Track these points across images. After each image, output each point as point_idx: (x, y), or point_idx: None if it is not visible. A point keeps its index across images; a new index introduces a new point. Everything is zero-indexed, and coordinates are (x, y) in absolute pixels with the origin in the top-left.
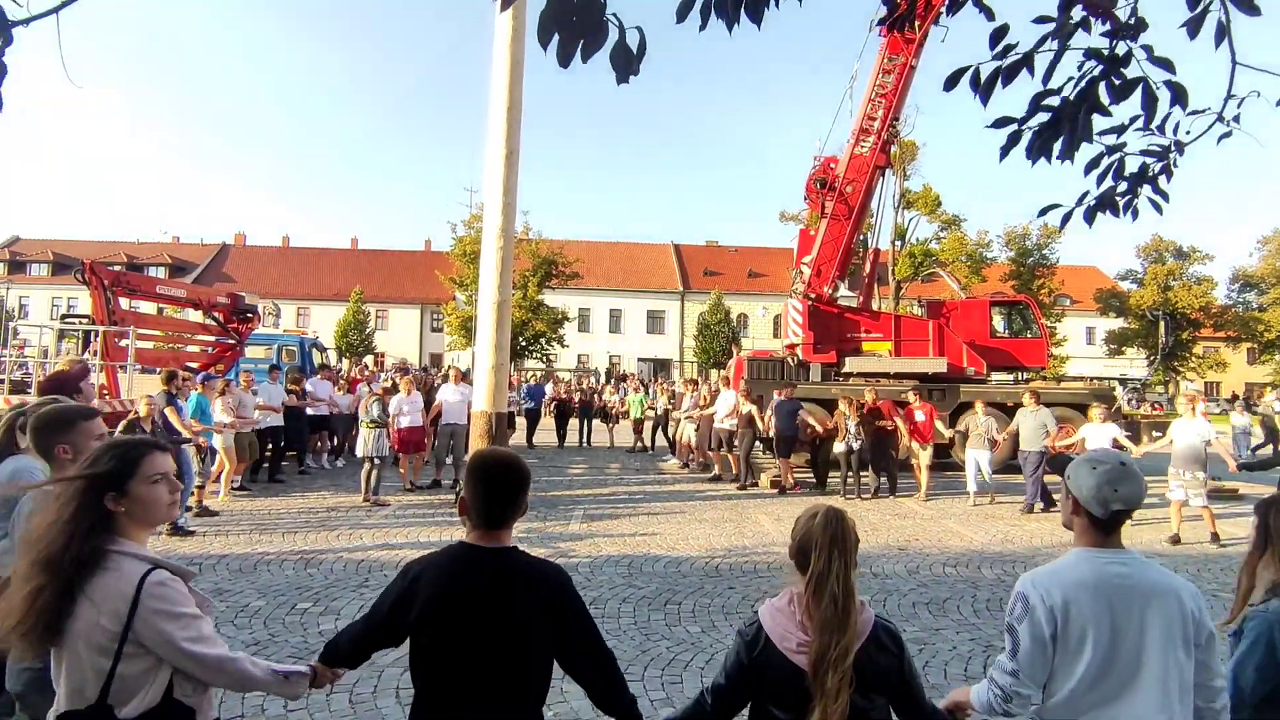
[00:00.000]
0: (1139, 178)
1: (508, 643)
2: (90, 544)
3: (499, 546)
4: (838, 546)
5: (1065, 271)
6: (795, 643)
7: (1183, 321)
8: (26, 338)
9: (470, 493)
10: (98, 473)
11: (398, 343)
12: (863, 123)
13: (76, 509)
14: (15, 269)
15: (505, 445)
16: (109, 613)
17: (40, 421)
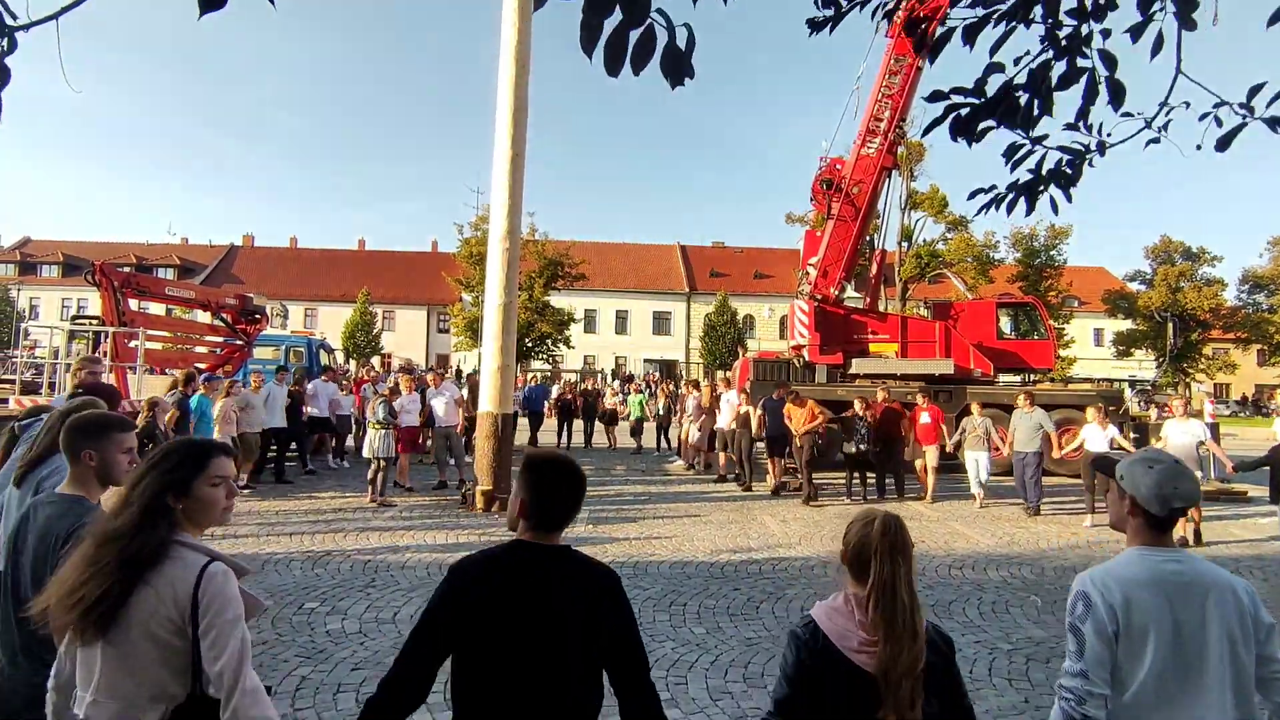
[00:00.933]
0: (1054, 174)
1: (561, 642)
2: (158, 536)
3: (554, 545)
4: (900, 553)
5: (1073, 273)
6: (857, 642)
7: (1191, 323)
8: (37, 339)
9: (529, 493)
10: (167, 472)
11: (404, 344)
12: (869, 124)
13: (144, 510)
14: (26, 270)
15: (511, 446)
16: (170, 601)
17: (77, 423)
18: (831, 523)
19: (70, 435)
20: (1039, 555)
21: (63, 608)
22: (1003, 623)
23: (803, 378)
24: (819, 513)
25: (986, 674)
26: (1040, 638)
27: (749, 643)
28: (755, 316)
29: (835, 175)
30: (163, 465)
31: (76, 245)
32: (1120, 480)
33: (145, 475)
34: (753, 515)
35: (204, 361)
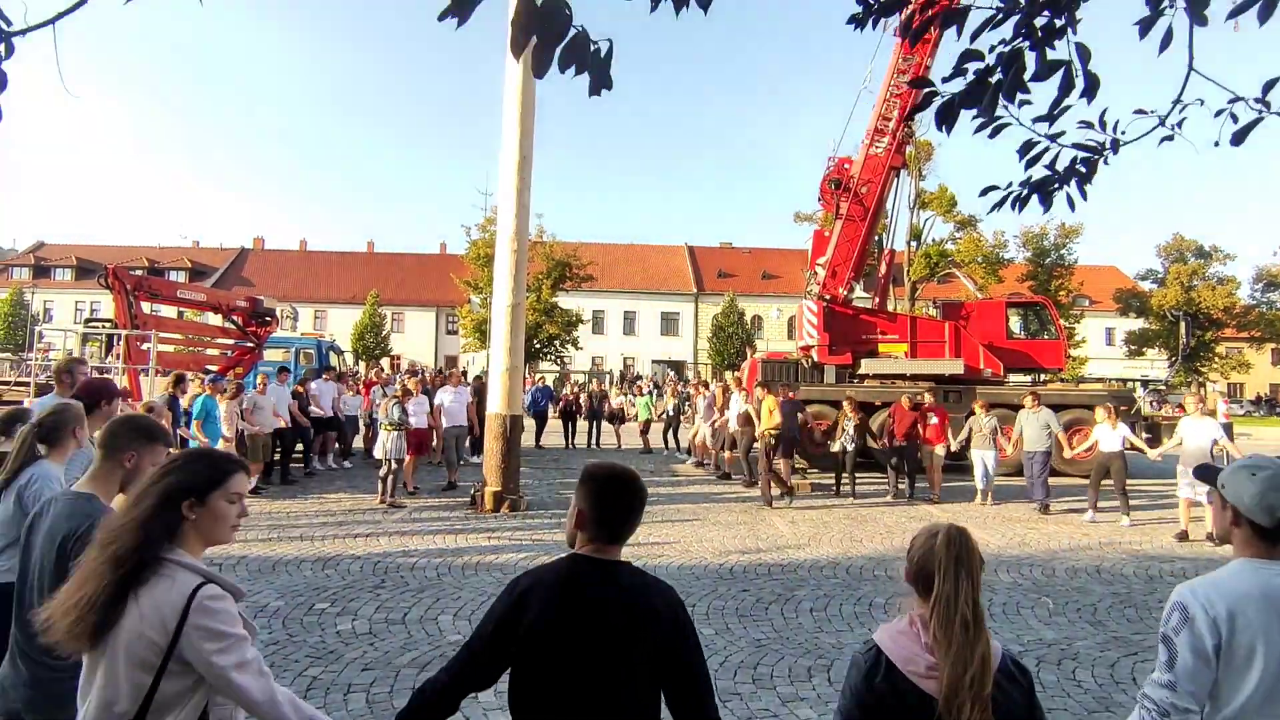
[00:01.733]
0: (1069, 172)
1: (618, 661)
2: (158, 548)
3: (613, 560)
4: (964, 567)
5: (1084, 272)
6: (924, 666)
7: (1205, 322)
8: (51, 341)
9: (587, 505)
10: (188, 476)
11: (413, 345)
12: (877, 123)
13: (155, 509)
14: (40, 274)
15: (518, 445)
16: (156, 624)
17: (134, 422)
18: (840, 524)
19: (121, 432)
20: (1050, 556)
21: (60, 611)
22: (1014, 624)
23: (811, 378)
24: (828, 514)
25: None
26: (1051, 639)
27: (758, 644)
28: (763, 317)
29: (843, 175)
30: (185, 469)
31: (90, 249)
32: (1222, 490)
33: (164, 476)
34: (761, 516)
35: (215, 363)
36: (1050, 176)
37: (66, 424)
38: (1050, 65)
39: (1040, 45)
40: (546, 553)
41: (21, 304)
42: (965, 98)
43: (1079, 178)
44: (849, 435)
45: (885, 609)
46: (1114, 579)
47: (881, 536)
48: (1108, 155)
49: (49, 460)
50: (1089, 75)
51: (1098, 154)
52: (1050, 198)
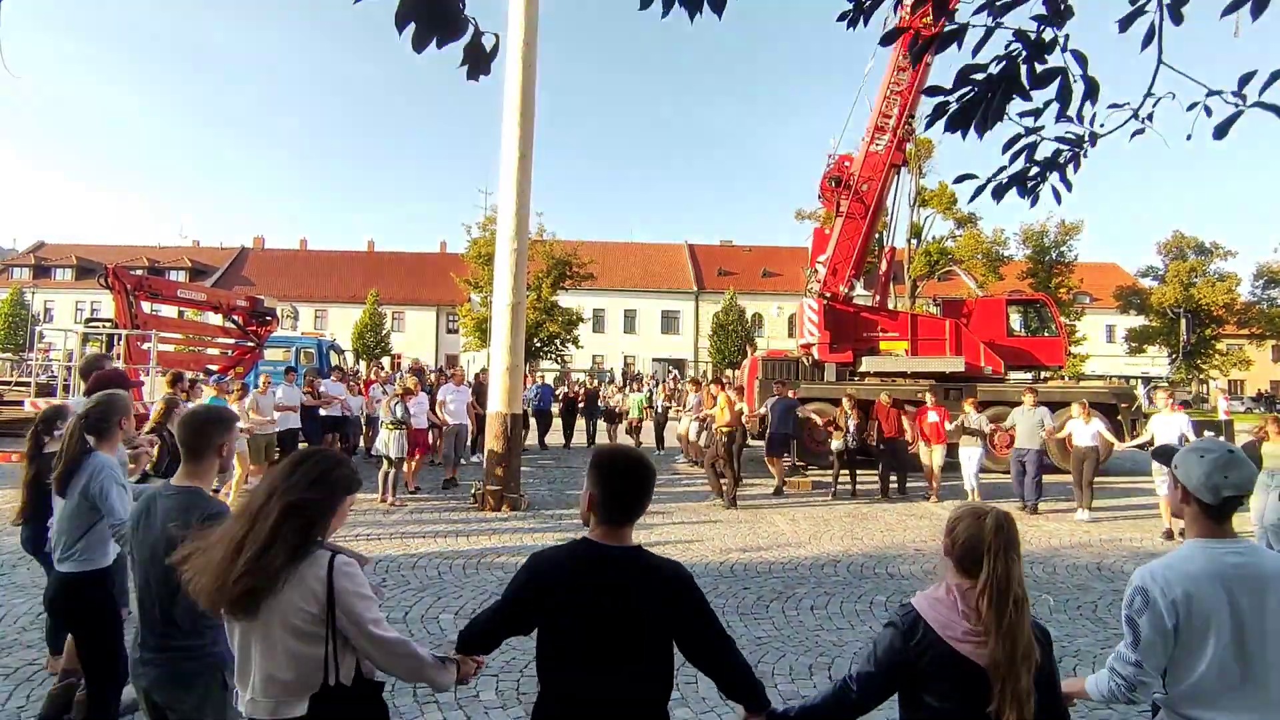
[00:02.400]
0: (1050, 163)
1: (631, 639)
2: (325, 533)
3: (623, 545)
4: (1013, 550)
5: (1084, 269)
6: (961, 631)
7: (1205, 319)
8: (52, 341)
9: (596, 489)
10: (347, 474)
11: (414, 344)
12: (878, 120)
13: (328, 501)
14: (40, 274)
15: (519, 444)
16: (305, 594)
17: (213, 415)
18: (841, 521)
19: (206, 427)
20: (1050, 554)
21: (223, 578)
22: None
23: (812, 376)
24: (829, 512)
25: None
26: (1053, 636)
27: (759, 642)
28: (764, 315)
29: (844, 172)
30: (346, 468)
31: (90, 249)
32: (1175, 470)
33: (333, 470)
34: (762, 514)
35: (216, 363)
36: (1028, 168)
37: (114, 414)
38: (1045, 74)
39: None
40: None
41: (22, 304)
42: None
43: (1061, 170)
44: (848, 434)
45: (886, 606)
46: (1114, 576)
47: (882, 534)
48: (1086, 148)
49: (101, 452)
50: (1088, 80)
51: (1079, 146)
52: (1032, 189)
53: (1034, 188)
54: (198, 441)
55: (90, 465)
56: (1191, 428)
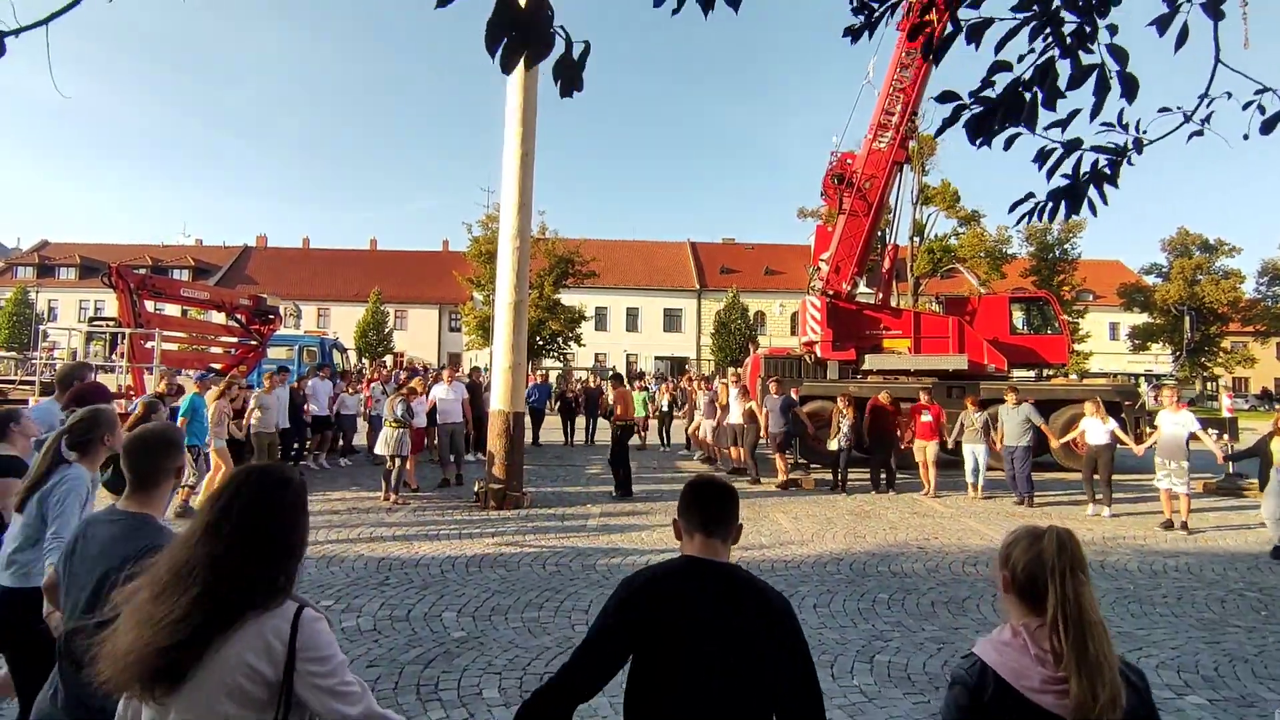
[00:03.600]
0: (1093, 176)
1: (736, 656)
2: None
3: (722, 562)
4: (1080, 570)
5: (1087, 266)
6: (1039, 680)
7: (1209, 316)
8: (56, 340)
9: (693, 511)
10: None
11: (416, 343)
12: (881, 118)
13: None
14: (44, 273)
15: (521, 442)
16: (260, 654)
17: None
18: (843, 519)
19: (158, 450)
20: None
21: (129, 659)
22: None
23: (815, 374)
24: (831, 509)
25: None
26: None
27: None
28: (766, 313)
29: (847, 170)
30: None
31: (93, 248)
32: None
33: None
34: (764, 512)
35: (219, 361)
36: (1074, 184)
37: (98, 429)
38: (1083, 71)
39: (1071, 52)
40: (551, 550)
41: (26, 303)
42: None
43: (1101, 180)
44: (844, 432)
45: (889, 604)
46: (1117, 574)
47: (885, 532)
48: (1131, 155)
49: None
50: (1126, 77)
51: (1120, 155)
52: (1077, 204)
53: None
54: (148, 465)
55: (59, 475)
56: (1199, 424)
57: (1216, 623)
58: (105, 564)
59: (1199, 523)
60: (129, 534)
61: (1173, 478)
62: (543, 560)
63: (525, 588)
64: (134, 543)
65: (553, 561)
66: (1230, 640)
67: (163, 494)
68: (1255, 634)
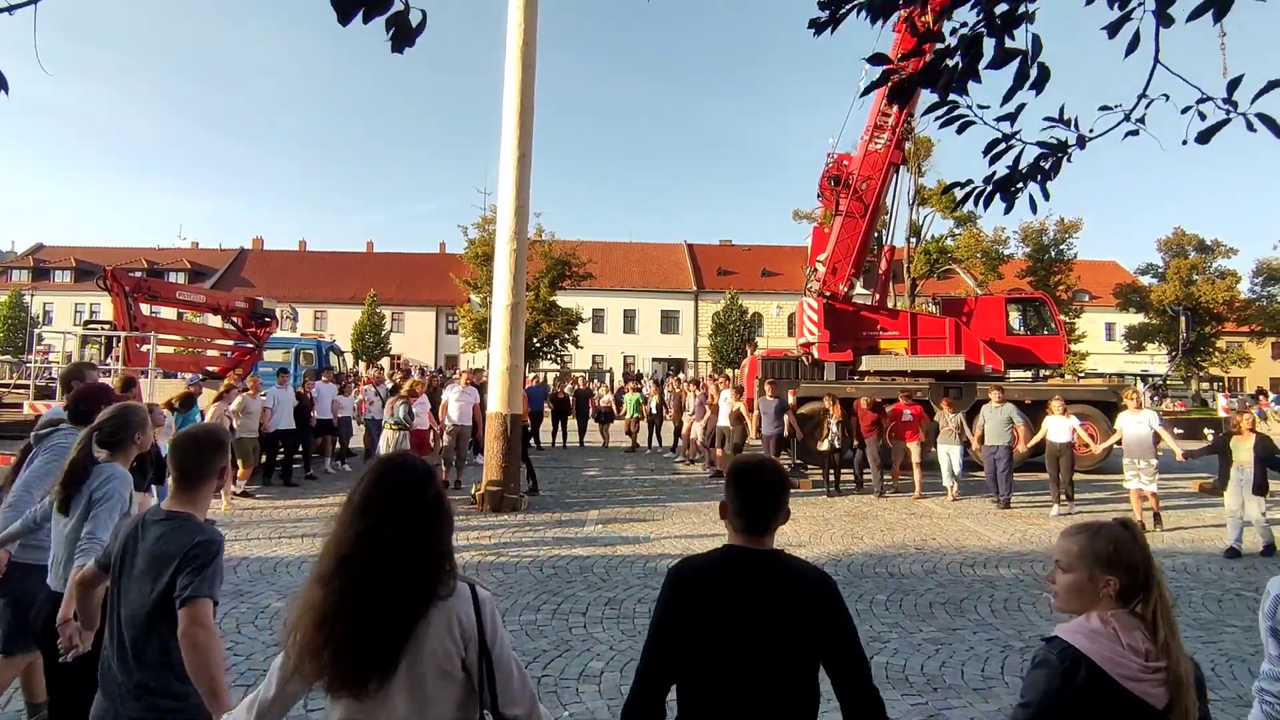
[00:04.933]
0: (1032, 169)
1: (778, 646)
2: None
3: (766, 549)
4: (1154, 562)
5: (1083, 267)
6: (1136, 668)
7: (1205, 316)
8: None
9: (732, 498)
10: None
11: (413, 345)
12: (877, 119)
13: (437, 521)
14: (39, 276)
15: (519, 444)
16: (453, 635)
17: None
18: (841, 520)
19: (205, 450)
20: (1051, 553)
21: (336, 660)
22: (1015, 620)
23: (812, 375)
24: (828, 511)
25: (999, 672)
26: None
27: None
28: (763, 314)
29: (843, 171)
30: (439, 484)
31: (89, 250)
32: None
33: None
34: None
35: (215, 364)
36: (1010, 175)
37: (129, 427)
38: (1006, 53)
39: (999, 32)
40: (549, 551)
41: (21, 306)
42: (922, 77)
43: (1041, 175)
44: (834, 434)
45: (887, 605)
46: None
47: (882, 533)
48: (1073, 152)
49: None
50: (1040, 67)
51: (1061, 152)
52: (1012, 196)
53: (1014, 195)
54: (195, 464)
55: (99, 473)
56: (1160, 423)
57: (1214, 623)
58: (155, 564)
59: (1193, 521)
60: (174, 533)
61: (1141, 476)
62: (540, 563)
63: (522, 590)
64: (178, 542)
65: (550, 564)
66: (1228, 640)
67: (207, 493)
68: (1252, 633)
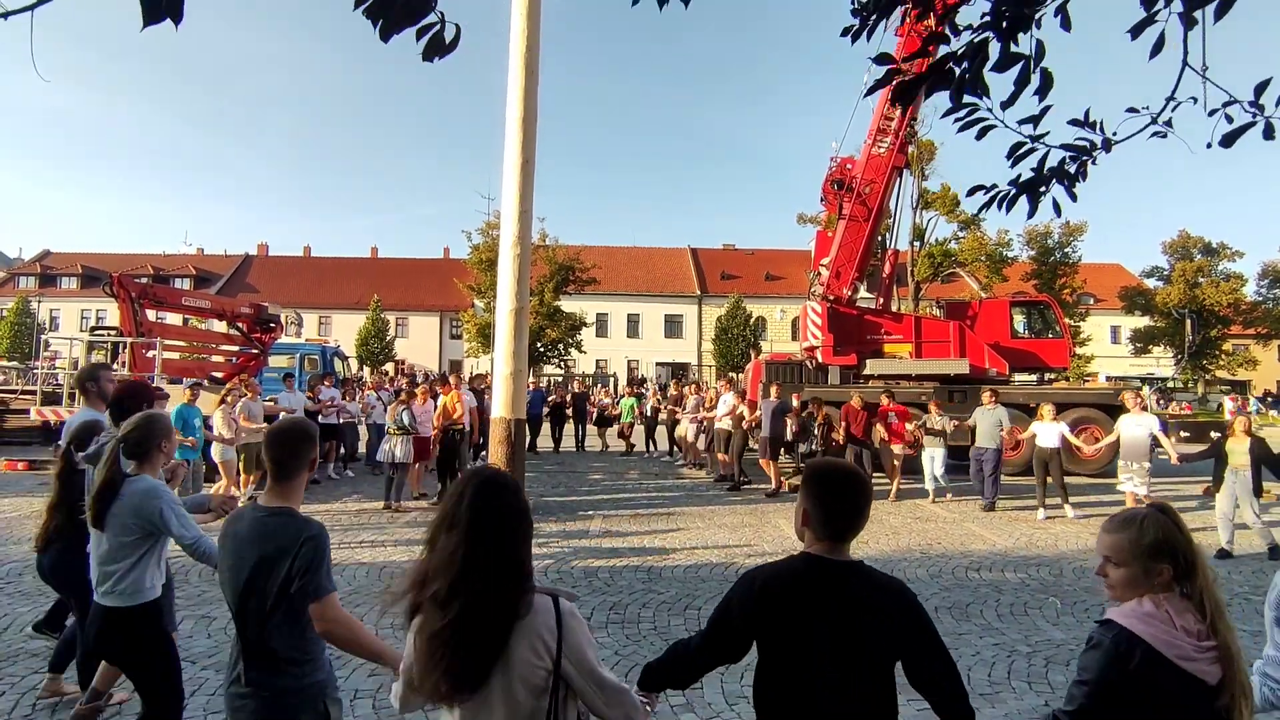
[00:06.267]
0: (1057, 172)
1: (859, 656)
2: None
3: (845, 560)
4: (1195, 543)
5: (1088, 270)
6: (1191, 649)
7: (1211, 319)
8: (57, 350)
9: (811, 504)
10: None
11: (417, 350)
12: (880, 122)
13: (529, 535)
14: (46, 282)
15: (523, 450)
16: (537, 646)
17: (305, 432)
18: None
19: (299, 443)
20: (1057, 557)
21: (432, 674)
22: (1021, 625)
23: (816, 379)
24: None
25: (1005, 676)
26: (1060, 640)
27: None
28: (767, 318)
29: (846, 175)
30: (522, 495)
31: (95, 257)
32: None
33: (529, 524)
34: (766, 518)
35: (221, 370)
36: (1036, 177)
37: (154, 436)
38: (1011, 57)
39: (1006, 36)
40: (553, 557)
41: (28, 312)
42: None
43: (1067, 179)
44: (815, 436)
45: None
46: None
47: (888, 537)
48: (1098, 155)
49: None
50: (1042, 72)
51: (1087, 154)
52: (1036, 200)
53: (1036, 197)
54: (289, 458)
55: (134, 491)
56: (1160, 427)
57: None
58: (256, 558)
59: (1199, 524)
60: (275, 530)
61: (1135, 479)
62: (544, 568)
63: None
64: (281, 538)
65: (554, 569)
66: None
67: (300, 485)
68: (1260, 638)
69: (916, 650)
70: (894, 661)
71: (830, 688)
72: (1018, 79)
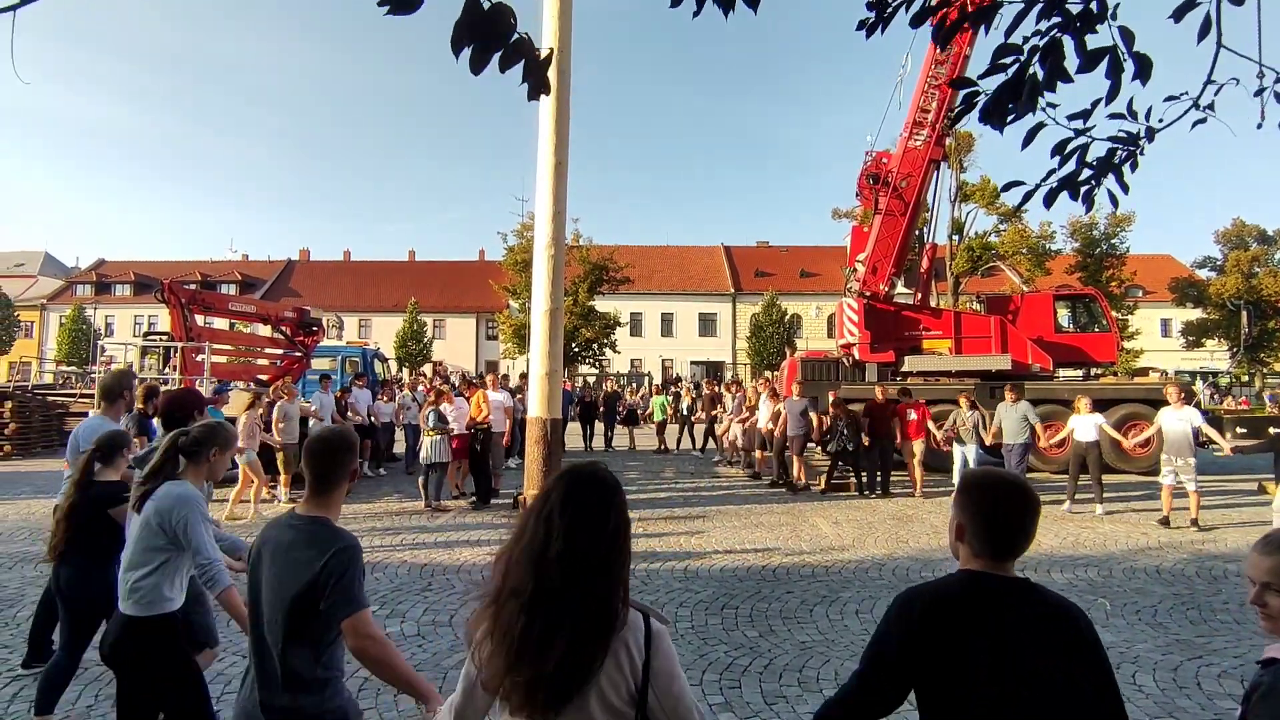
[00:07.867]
0: (1105, 165)
1: (1037, 684)
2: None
3: (1012, 578)
4: None
5: (1136, 261)
6: None
7: (1268, 310)
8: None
9: (969, 517)
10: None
11: (454, 351)
12: (916, 115)
13: (629, 546)
14: (101, 290)
15: (560, 449)
16: (623, 666)
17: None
18: (885, 524)
19: (339, 452)
20: (1106, 557)
21: (517, 689)
22: None
23: (852, 377)
24: (872, 514)
25: None
26: (1109, 641)
27: (803, 646)
28: (802, 316)
29: (882, 169)
30: (624, 500)
31: (147, 265)
32: None
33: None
34: (804, 517)
35: (265, 373)
36: (1078, 171)
37: (210, 443)
38: (1093, 54)
39: (1080, 34)
40: None
41: (84, 319)
42: (1008, 93)
43: (1116, 171)
44: (842, 435)
45: None
46: (1175, 579)
47: (928, 537)
48: (1144, 145)
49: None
50: (1138, 58)
51: (1134, 145)
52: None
53: (1088, 192)
54: (329, 468)
55: (169, 493)
56: (1203, 419)
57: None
58: (294, 568)
59: (1181, 518)
60: (312, 539)
61: (1180, 474)
62: None
63: None
64: (317, 549)
65: None
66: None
67: (340, 496)
68: None
69: (1087, 679)
70: (1071, 686)
71: (1004, 712)
72: (1109, 70)
